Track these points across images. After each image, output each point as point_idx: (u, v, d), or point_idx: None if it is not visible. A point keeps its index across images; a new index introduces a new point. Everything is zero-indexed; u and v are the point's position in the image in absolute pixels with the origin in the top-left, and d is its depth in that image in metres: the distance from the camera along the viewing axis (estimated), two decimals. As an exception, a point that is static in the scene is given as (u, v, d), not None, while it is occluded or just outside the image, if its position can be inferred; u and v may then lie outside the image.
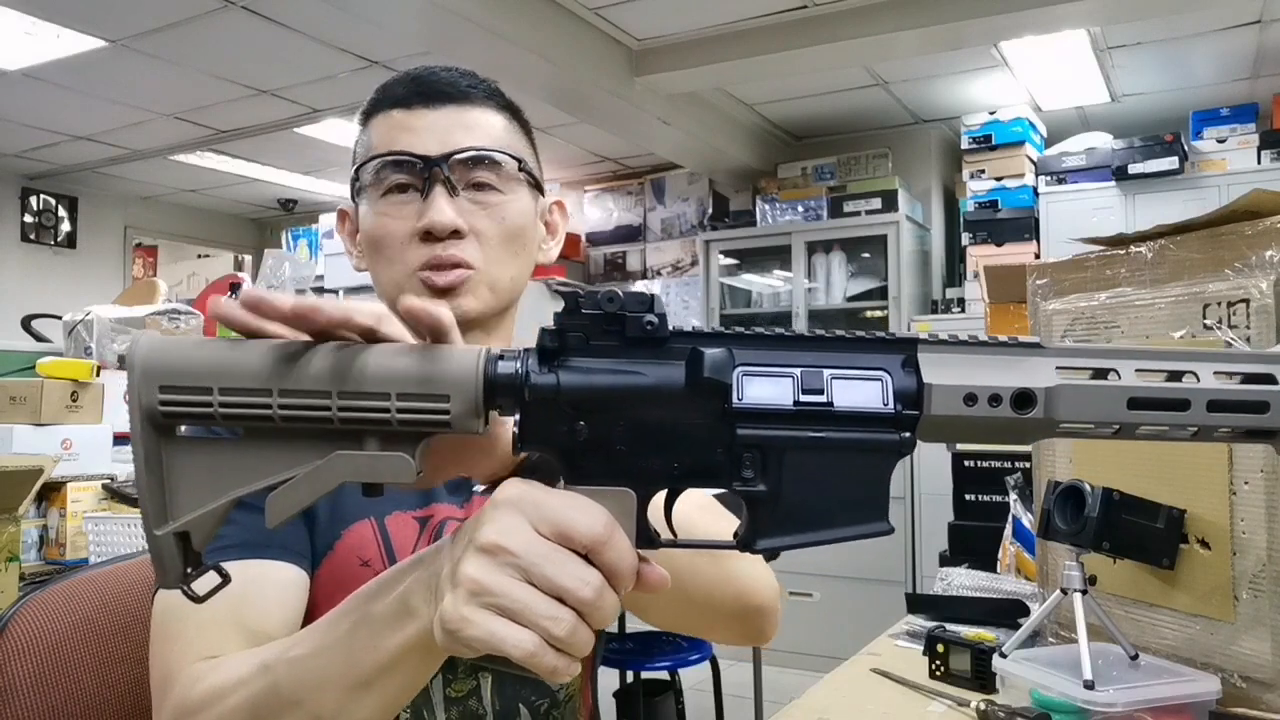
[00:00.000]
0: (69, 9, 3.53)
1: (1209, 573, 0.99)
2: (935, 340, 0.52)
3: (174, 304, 2.32)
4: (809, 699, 1.11)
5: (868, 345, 0.52)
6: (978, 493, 1.81)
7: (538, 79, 3.66)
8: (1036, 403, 0.50)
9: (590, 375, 0.50)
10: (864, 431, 0.50)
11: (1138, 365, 0.51)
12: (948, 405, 0.50)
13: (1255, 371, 0.51)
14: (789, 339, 0.52)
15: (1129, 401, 0.50)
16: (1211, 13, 3.50)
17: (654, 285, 5.81)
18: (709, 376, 0.49)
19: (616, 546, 0.50)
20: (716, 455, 0.51)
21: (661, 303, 0.52)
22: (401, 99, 0.88)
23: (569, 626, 0.48)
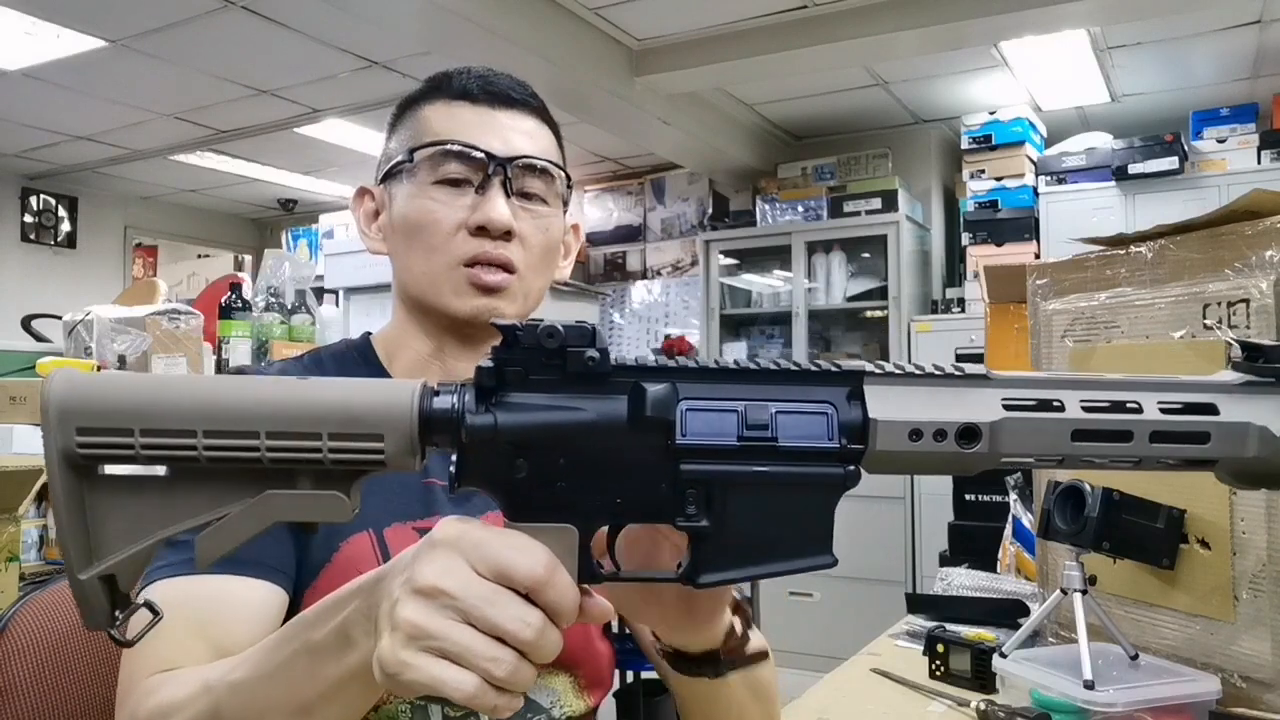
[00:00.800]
0: (69, 9, 3.53)
1: (1209, 573, 0.99)
2: (881, 372, 0.51)
3: (174, 304, 2.31)
4: (809, 699, 1.11)
5: (813, 378, 0.51)
6: (978, 493, 1.81)
7: (538, 79, 3.64)
8: (981, 437, 0.49)
9: (529, 413, 0.50)
10: (808, 466, 0.50)
11: (1082, 397, 0.50)
12: (893, 440, 0.50)
13: (1198, 401, 0.51)
14: (734, 372, 0.51)
15: (1073, 434, 0.50)
16: (1211, 13, 3.49)
17: (654, 285, 5.81)
18: (652, 415, 0.48)
19: (558, 585, 0.49)
20: (660, 491, 0.50)
21: (603, 336, 0.51)
22: (469, 93, 0.88)
23: (510, 667, 0.48)
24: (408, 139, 0.89)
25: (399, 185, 0.89)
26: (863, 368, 0.51)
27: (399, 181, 0.89)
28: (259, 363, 2.40)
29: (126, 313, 2.15)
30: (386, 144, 0.94)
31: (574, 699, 0.89)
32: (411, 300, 0.90)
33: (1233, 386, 0.52)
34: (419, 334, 0.91)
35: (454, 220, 0.85)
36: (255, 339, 2.44)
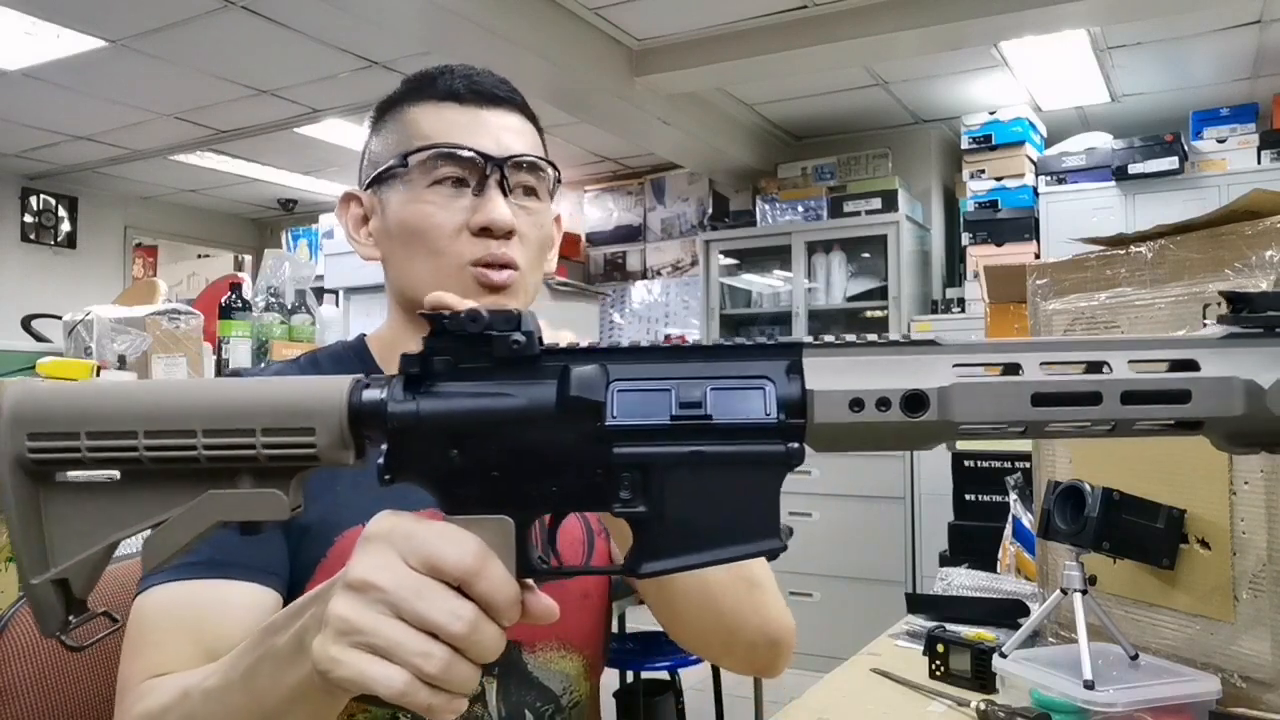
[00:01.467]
0: (69, 9, 3.53)
1: (1209, 573, 0.99)
2: (821, 343, 0.49)
3: (174, 304, 2.31)
4: (809, 699, 1.11)
5: (749, 353, 0.49)
6: (978, 493, 1.81)
7: (538, 79, 3.66)
8: (929, 405, 0.46)
9: (453, 400, 0.49)
10: (747, 444, 0.47)
11: (1043, 358, 0.47)
12: (833, 411, 0.47)
13: (1177, 358, 0.47)
14: (667, 351, 0.49)
15: (1033, 398, 0.46)
16: (1211, 13, 3.50)
17: (654, 285, 5.81)
18: (577, 395, 0.47)
19: (490, 577, 0.48)
20: (596, 476, 0.49)
21: (531, 320, 0.49)
22: (456, 94, 0.88)
23: (442, 663, 0.47)
24: (396, 143, 0.89)
25: (392, 190, 0.88)
26: (801, 339, 0.49)
27: (392, 186, 0.88)
28: (259, 363, 2.40)
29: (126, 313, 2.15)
30: (369, 147, 0.93)
31: (583, 682, 0.90)
32: (412, 304, 0.89)
33: (1215, 340, 0.47)
34: (417, 337, 0.91)
35: (455, 223, 0.85)
36: (255, 339, 2.44)
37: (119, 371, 2.05)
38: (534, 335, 0.49)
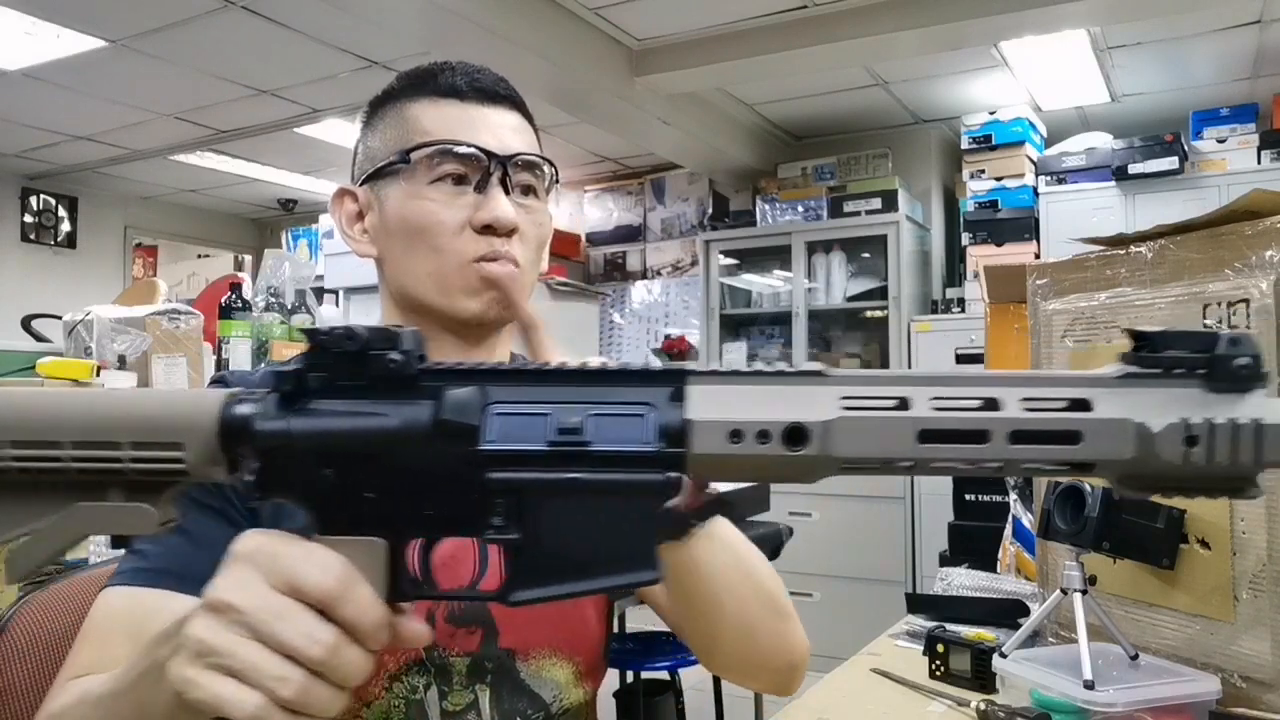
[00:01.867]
0: (69, 9, 3.53)
1: (1209, 573, 0.99)
2: (707, 371, 0.47)
3: (174, 304, 2.31)
4: (809, 699, 1.11)
5: (634, 379, 0.48)
6: (978, 493, 1.81)
7: (538, 79, 3.66)
8: (810, 438, 0.45)
9: (325, 419, 0.48)
10: (624, 473, 0.46)
11: (934, 394, 0.45)
12: (712, 442, 0.45)
13: (1071, 397, 0.45)
14: (550, 374, 0.49)
15: (920, 434, 0.45)
16: (1211, 13, 3.50)
17: (654, 285, 5.81)
18: (448, 418, 0.46)
19: (353, 600, 0.47)
20: (470, 501, 0.47)
21: (414, 339, 0.48)
22: (457, 91, 0.87)
23: (298, 687, 0.46)
24: (395, 139, 0.88)
25: (391, 186, 0.87)
26: (686, 367, 0.48)
27: (391, 182, 0.87)
28: (259, 363, 2.40)
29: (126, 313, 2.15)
30: (364, 143, 0.92)
31: (574, 689, 0.89)
32: (410, 302, 0.88)
33: (1110, 380, 0.46)
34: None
35: (457, 220, 0.85)
36: (255, 339, 2.44)
37: (119, 372, 2.05)
38: (412, 354, 0.48)
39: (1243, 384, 0.45)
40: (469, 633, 0.84)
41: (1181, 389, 0.45)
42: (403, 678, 0.81)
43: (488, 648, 0.84)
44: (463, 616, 0.84)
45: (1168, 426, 0.44)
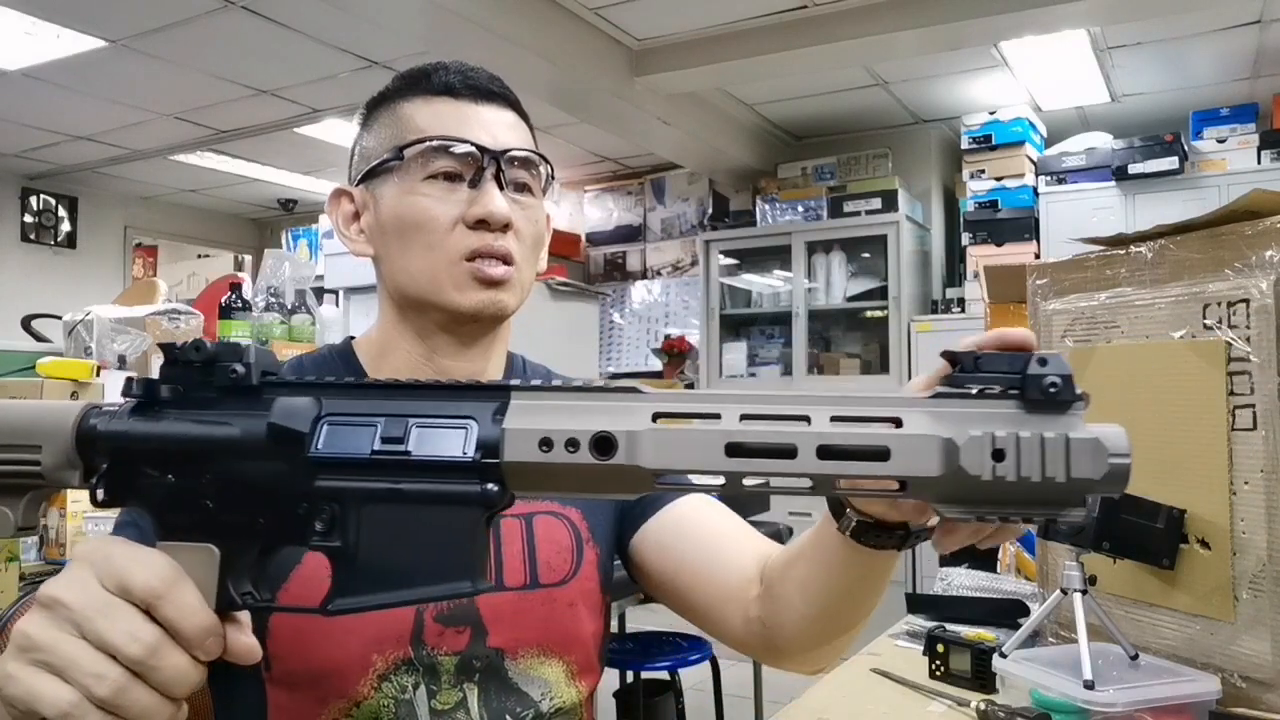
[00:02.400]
0: (69, 9, 3.53)
1: (1209, 573, 0.99)
2: (530, 386, 0.49)
3: (174, 304, 2.31)
4: (809, 699, 1.11)
5: (461, 393, 0.49)
6: (978, 493, 1.81)
7: (538, 79, 3.66)
8: (618, 448, 0.45)
9: (162, 426, 0.50)
10: (444, 482, 0.47)
11: (744, 410, 0.46)
12: (523, 450, 0.46)
13: (881, 415, 0.46)
14: (384, 387, 0.50)
15: (727, 448, 0.45)
16: (1211, 13, 3.50)
17: (654, 285, 5.82)
18: (277, 424, 0.48)
19: (176, 602, 0.47)
20: (301, 509, 0.49)
21: (267, 355, 0.50)
22: (451, 88, 0.87)
23: (114, 686, 0.45)
24: (389, 137, 0.88)
25: (386, 184, 0.87)
26: (511, 383, 0.49)
27: (385, 181, 0.87)
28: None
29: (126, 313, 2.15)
30: (360, 143, 0.92)
31: (565, 688, 0.89)
32: (406, 300, 0.88)
33: (922, 399, 0.46)
34: (411, 336, 0.90)
35: (451, 215, 0.85)
36: (255, 339, 2.44)
37: (119, 371, 2.05)
38: (254, 367, 0.50)
39: (1056, 404, 0.45)
40: (457, 632, 0.84)
41: (995, 409, 0.45)
42: (391, 677, 0.81)
43: (476, 647, 0.84)
44: (450, 616, 0.84)
45: (971, 439, 0.44)
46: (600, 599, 0.94)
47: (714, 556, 0.90)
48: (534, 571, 0.88)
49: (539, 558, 0.89)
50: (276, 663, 0.81)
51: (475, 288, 0.85)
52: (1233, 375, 0.97)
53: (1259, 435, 0.95)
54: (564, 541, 0.91)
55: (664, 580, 0.93)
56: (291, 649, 0.80)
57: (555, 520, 0.91)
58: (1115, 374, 1.10)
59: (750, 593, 0.86)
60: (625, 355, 5.77)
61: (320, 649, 0.80)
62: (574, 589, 0.90)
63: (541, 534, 0.90)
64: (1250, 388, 0.95)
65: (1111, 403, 1.11)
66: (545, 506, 0.91)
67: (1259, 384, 0.95)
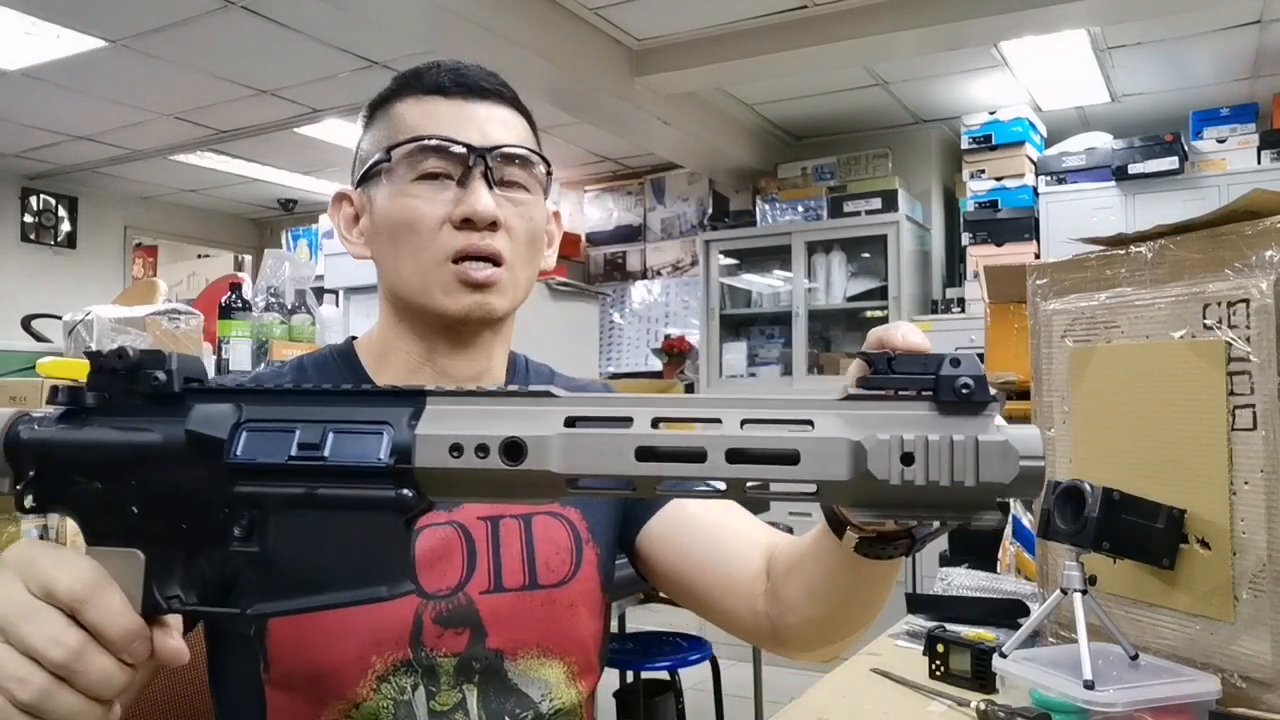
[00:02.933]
0: (69, 9, 3.53)
1: (1209, 573, 0.99)
2: (445, 392, 0.49)
3: (174, 304, 2.31)
4: (809, 699, 1.11)
5: (378, 399, 0.49)
6: (978, 493, 1.81)
7: (538, 79, 3.66)
8: (527, 453, 0.45)
9: (85, 433, 0.50)
10: (359, 488, 0.47)
11: (655, 414, 0.45)
12: (434, 456, 0.46)
13: (793, 418, 0.45)
14: (305, 393, 0.50)
15: (637, 452, 0.44)
16: (1211, 13, 3.50)
17: (654, 285, 5.82)
18: (195, 431, 0.49)
19: (100, 606, 0.48)
20: (221, 515, 0.49)
21: (191, 362, 0.51)
22: (441, 87, 0.87)
23: (38, 691, 0.46)
24: (383, 138, 0.88)
25: (378, 186, 0.87)
26: (426, 388, 0.49)
27: (378, 183, 0.87)
28: (259, 364, 2.40)
29: (126, 313, 2.15)
30: (360, 146, 0.92)
31: (565, 689, 0.89)
32: (401, 302, 0.88)
33: (834, 401, 0.45)
34: (410, 337, 0.90)
35: (438, 215, 0.84)
36: (255, 339, 2.44)
37: (119, 371, 2.04)
38: (176, 374, 0.50)
39: (970, 406, 0.44)
40: (456, 634, 0.84)
41: (908, 411, 0.45)
42: (390, 678, 0.81)
43: (475, 648, 0.84)
44: (449, 617, 0.84)
45: (880, 443, 0.43)
46: (600, 599, 0.94)
47: (720, 551, 0.90)
48: (533, 572, 0.88)
49: (538, 558, 0.89)
50: (275, 665, 0.81)
51: (462, 291, 0.84)
52: (1233, 375, 0.97)
53: (1259, 435, 0.95)
54: (563, 542, 0.91)
55: (671, 575, 0.93)
56: (289, 651, 0.80)
57: (554, 521, 0.91)
58: (1115, 374, 1.10)
59: (757, 587, 0.86)
60: (625, 355, 5.77)
61: (318, 651, 0.80)
62: (574, 589, 0.90)
63: (540, 535, 0.90)
64: (1250, 388, 0.95)
65: (1111, 403, 1.11)
66: (545, 507, 0.91)
67: (1259, 384, 0.95)
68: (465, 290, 0.84)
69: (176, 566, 0.51)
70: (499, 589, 0.86)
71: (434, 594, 0.84)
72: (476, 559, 0.86)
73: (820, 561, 0.77)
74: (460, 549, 0.86)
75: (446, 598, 0.84)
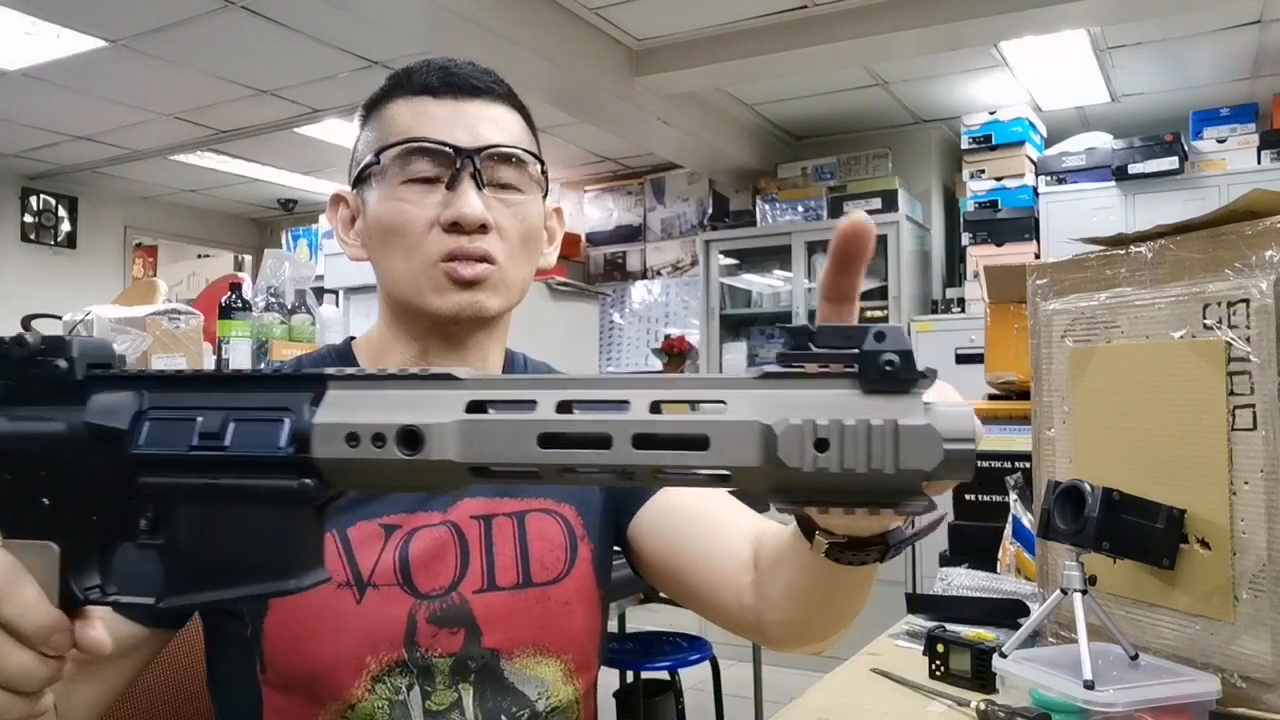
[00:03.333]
0: (69, 9, 3.53)
1: (1209, 573, 0.99)
2: (347, 375, 0.46)
3: (174, 304, 2.31)
4: (809, 699, 1.11)
5: (280, 384, 0.47)
6: (978, 493, 1.81)
7: (538, 79, 3.66)
8: (426, 441, 0.43)
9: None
10: (260, 478, 0.45)
11: (561, 396, 0.42)
12: (331, 447, 0.44)
13: (705, 399, 0.42)
14: (207, 378, 0.48)
15: (540, 439, 0.42)
16: (1211, 13, 3.50)
17: (654, 285, 5.81)
18: (92, 421, 0.47)
19: (14, 600, 0.47)
20: (129, 506, 0.48)
21: (96, 346, 0.50)
22: (430, 87, 0.86)
23: None
24: (374, 140, 0.87)
25: (370, 188, 0.87)
26: (327, 371, 0.47)
27: (370, 185, 0.87)
28: (259, 363, 2.40)
29: (126, 313, 2.15)
30: (355, 147, 0.92)
31: (562, 686, 0.88)
32: (395, 304, 0.88)
33: (749, 380, 0.42)
34: (405, 337, 0.90)
35: (426, 219, 0.84)
36: (255, 339, 2.44)
37: (119, 371, 2.05)
38: (77, 361, 0.49)
39: (896, 384, 0.40)
40: (451, 633, 0.84)
41: (828, 391, 0.41)
42: (385, 679, 0.81)
43: (470, 647, 0.84)
44: (443, 617, 0.84)
45: (791, 428, 0.39)
46: (596, 595, 0.94)
47: (708, 541, 0.89)
48: (527, 570, 0.88)
49: (532, 556, 0.88)
50: (271, 665, 0.81)
51: (452, 290, 0.84)
52: (1233, 375, 0.97)
53: (1259, 435, 0.95)
54: (557, 539, 0.90)
55: (660, 565, 0.93)
56: (284, 651, 0.80)
57: (549, 518, 0.91)
58: (1115, 374, 1.10)
59: (745, 579, 0.85)
60: (625, 355, 5.77)
61: (312, 651, 0.80)
62: (569, 586, 0.90)
63: (534, 532, 0.89)
64: (1250, 388, 0.95)
65: (1111, 403, 1.11)
66: (539, 504, 0.91)
67: (1259, 384, 0.95)
68: (455, 289, 0.84)
69: (94, 558, 0.50)
70: (492, 588, 0.86)
71: (427, 594, 0.83)
72: (470, 558, 0.86)
73: (795, 563, 0.76)
74: (454, 548, 0.86)
75: (440, 597, 0.84)
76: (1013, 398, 1.79)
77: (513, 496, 0.90)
